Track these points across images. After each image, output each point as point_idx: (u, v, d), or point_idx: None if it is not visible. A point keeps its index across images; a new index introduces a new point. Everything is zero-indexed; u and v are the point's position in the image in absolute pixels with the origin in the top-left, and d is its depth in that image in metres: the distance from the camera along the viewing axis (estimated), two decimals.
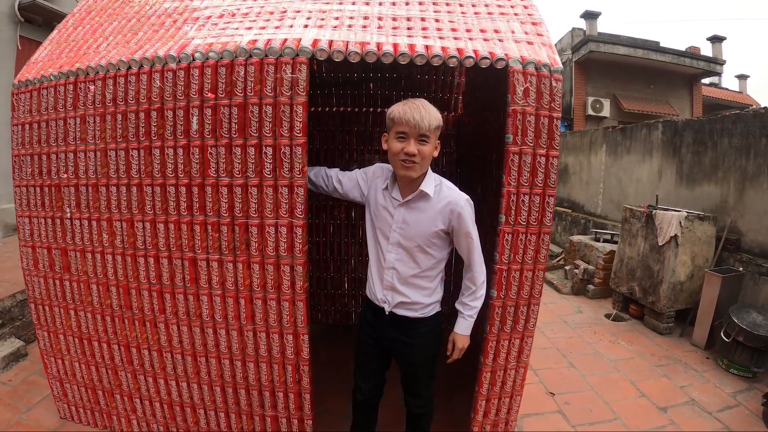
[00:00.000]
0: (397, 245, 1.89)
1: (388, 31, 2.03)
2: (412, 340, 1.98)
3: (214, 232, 2.07)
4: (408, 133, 1.72)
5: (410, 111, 1.71)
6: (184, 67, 1.94)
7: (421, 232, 1.86)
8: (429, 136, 1.74)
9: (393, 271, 1.92)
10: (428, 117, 1.71)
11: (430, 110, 1.74)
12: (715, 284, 4.20)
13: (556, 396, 3.28)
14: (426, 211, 1.85)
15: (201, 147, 2.00)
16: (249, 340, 2.17)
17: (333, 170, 2.16)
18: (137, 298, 2.26)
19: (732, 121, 4.90)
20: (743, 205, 4.68)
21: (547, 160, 2.02)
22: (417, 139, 1.73)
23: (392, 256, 1.91)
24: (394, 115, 1.75)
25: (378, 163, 2.05)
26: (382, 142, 1.87)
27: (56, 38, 2.50)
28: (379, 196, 1.96)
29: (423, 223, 1.85)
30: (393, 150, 1.77)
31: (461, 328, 1.99)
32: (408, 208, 1.87)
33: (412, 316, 1.96)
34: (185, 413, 2.42)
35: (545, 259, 2.16)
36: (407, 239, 1.87)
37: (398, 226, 1.88)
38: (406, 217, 1.87)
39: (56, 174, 2.30)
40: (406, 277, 1.91)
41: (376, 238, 1.97)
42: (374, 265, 2.01)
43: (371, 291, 2.04)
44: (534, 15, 2.27)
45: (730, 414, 3.17)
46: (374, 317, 2.04)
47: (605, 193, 7.38)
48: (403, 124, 1.72)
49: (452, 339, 2.01)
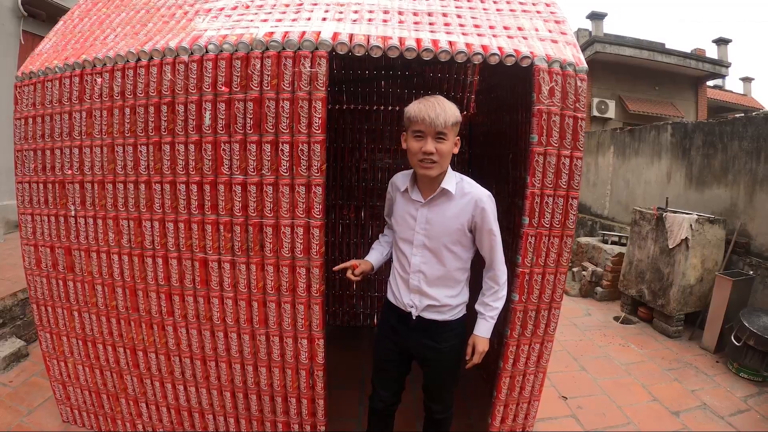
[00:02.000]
0: (422, 247, 1.84)
1: (410, 26, 1.96)
2: (440, 344, 1.92)
3: (226, 233, 2.00)
4: (425, 131, 1.68)
5: (426, 109, 1.66)
6: (196, 59, 1.87)
7: (445, 230, 1.81)
8: (446, 134, 1.69)
9: (419, 274, 1.86)
10: (444, 114, 1.66)
11: (447, 107, 1.69)
12: (726, 288, 4.16)
13: (569, 400, 3.23)
14: (449, 209, 1.81)
15: (214, 143, 1.93)
16: (261, 344, 2.10)
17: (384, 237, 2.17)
18: (144, 300, 2.19)
19: (743, 124, 4.86)
20: (753, 208, 4.63)
21: (572, 162, 1.97)
22: (434, 137, 1.68)
23: (418, 259, 1.85)
24: (410, 114, 1.71)
25: (396, 175, 2.00)
26: (402, 142, 1.82)
27: (62, 30, 2.42)
28: (399, 200, 1.92)
29: (447, 220, 1.81)
30: (411, 149, 1.73)
31: (482, 331, 1.91)
32: (430, 208, 1.82)
33: (440, 319, 1.90)
34: (193, 418, 2.34)
35: (567, 263, 2.10)
36: (432, 239, 1.82)
37: (422, 227, 1.83)
38: (429, 217, 1.82)
39: (60, 170, 2.22)
40: (433, 279, 1.86)
41: (398, 245, 1.92)
42: (398, 272, 1.95)
43: (396, 297, 1.96)
44: (557, 13, 2.21)
45: (742, 418, 3.14)
46: (399, 322, 1.96)
47: (612, 195, 7.33)
48: (419, 122, 1.67)
49: (472, 342, 1.92)
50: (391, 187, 2.00)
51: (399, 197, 1.92)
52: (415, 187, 1.85)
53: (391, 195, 1.99)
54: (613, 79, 13.70)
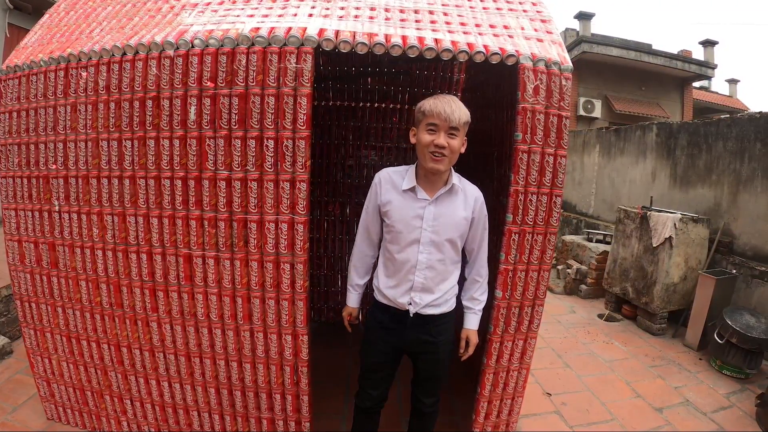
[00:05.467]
0: (429, 244, 1.85)
1: (396, 23, 1.97)
2: (436, 338, 1.95)
3: (210, 228, 1.99)
4: (439, 125, 1.73)
5: (441, 104, 1.72)
6: (182, 54, 1.86)
7: (453, 224, 1.85)
8: (458, 130, 1.74)
9: (426, 271, 1.86)
10: (459, 111, 1.73)
11: (461, 105, 1.76)
12: (709, 286, 4.22)
13: (553, 396, 3.26)
14: (454, 202, 1.87)
15: (198, 138, 1.92)
16: (246, 341, 2.10)
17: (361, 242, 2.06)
18: (128, 296, 2.17)
19: (727, 124, 4.93)
20: (737, 208, 4.70)
21: (555, 160, 1.99)
22: (447, 132, 1.73)
23: (425, 256, 1.85)
24: (425, 108, 1.75)
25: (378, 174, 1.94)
26: (410, 136, 1.85)
27: (47, 23, 2.40)
28: (398, 202, 1.86)
29: (454, 215, 1.86)
30: (423, 142, 1.76)
31: (472, 324, 2.00)
32: (438, 204, 1.85)
33: (437, 313, 1.93)
34: (178, 415, 2.34)
35: (551, 260, 2.12)
36: (439, 234, 1.84)
37: (429, 224, 1.83)
38: (437, 213, 1.84)
39: (44, 165, 2.20)
40: (438, 274, 1.89)
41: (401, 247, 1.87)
42: (394, 271, 1.90)
43: (390, 298, 1.92)
44: (543, 12, 2.23)
45: (725, 414, 3.20)
46: (393, 321, 1.94)
47: (598, 194, 7.40)
48: (434, 116, 1.72)
49: (465, 336, 2.00)
50: (382, 185, 1.90)
51: (397, 198, 1.86)
52: (418, 185, 1.85)
53: (383, 196, 1.89)
54: (600, 78, 13.78)
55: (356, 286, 2.10)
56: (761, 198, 4.43)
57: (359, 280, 2.10)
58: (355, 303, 2.11)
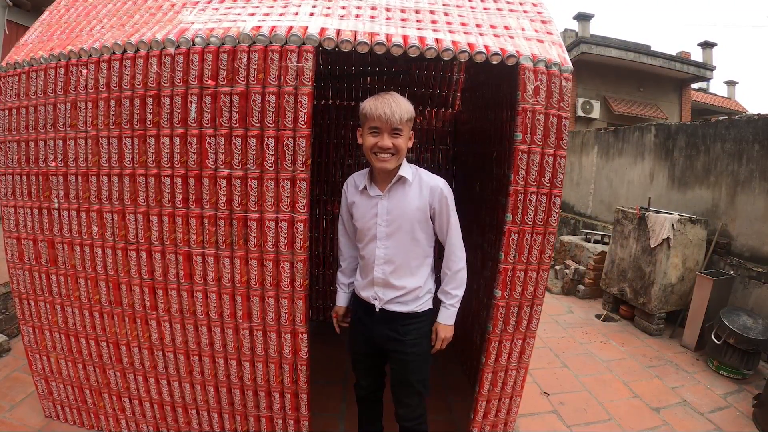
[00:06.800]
0: (385, 238, 1.87)
1: (397, 22, 1.97)
2: (403, 336, 1.94)
3: (210, 226, 1.99)
4: (380, 128, 1.74)
5: (381, 106, 1.72)
6: (183, 52, 1.86)
7: (405, 216, 1.85)
8: (401, 129, 1.75)
9: (384, 266, 1.89)
10: (399, 111, 1.72)
11: (401, 103, 1.75)
12: (707, 287, 4.23)
13: (551, 396, 3.27)
14: (407, 195, 1.86)
15: (199, 136, 1.92)
16: (245, 339, 2.10)
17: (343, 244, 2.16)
18: (128, 294, 2.17)
19: (725, 126, 4.94)
20: (734, 209, 4.72)
21: (555, 160, 1.99)
22: (390, 132, 1.74)
23: (382, 251, 1.88)
24: (366, 111, 1.76)
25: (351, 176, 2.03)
26: (358, 137, 1.86)
27: (47, 20, 2.39)
28: (359, 202, 1.94)
29: (406, 206, 1.85)
30: (367, 144, 1.79)
31: (443, 318, 1.98)
32: (390, 198, 1.86)
33: (404, 311, 1.93)
34: (176, 413, 2.34)
35: (550, 260, 2.13)
36: (393, 227, 1.86)
37: (383, 218, 1.86)
38: (390, 207, 1.86)
39: (44, 162, 2.20)
40: (397, 269, 1.89)
41: (364, 247, 1.95)
42: (363, 267, 1.99)
43: (358, 291, 2.03)
44: (543, 13, 2.23)
45: (722, 415, 3.20)
46: (365, 315, 2.01)
47: (596, 194, 7.42)
48: (375, 119, 1.73)
49: (435, 329, 1.99)
50: (347, 188, 2.00)
51: (359, 198, 1.93)
52: (372, 183, 1.90)
53: (349, 197, 1.99)
54: (599, 79, 13.83)
55: (342, 285, 2.16)
56: (759, 199, 4.44)
57: (345, 279, 2.15)
58: (342, 302, 2.15)
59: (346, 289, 2.15)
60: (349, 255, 2.13)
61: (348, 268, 2.15)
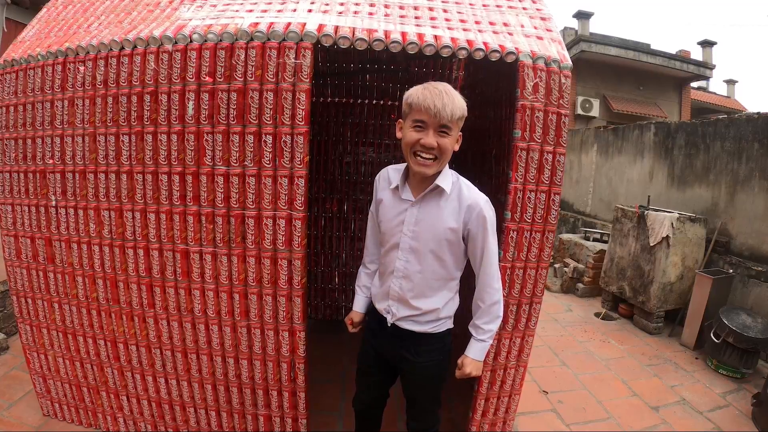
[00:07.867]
0: (408, 251, 1.67)
1: (396, 19, 1.97)
2: (415, 357, 1.77)
3: (208, 224, 1.99)
4: (427, 122, 1.50)
5: (431, 97, 1.48)
6: (180, 48, 1.85)
7: (433, 230, 1.63)
8: (450, 128, 1.51)
9: (402, 280, 1.70)
10: (452, 105, 1.49)
11: (455, 98, 1.52)
12: (706, 286, 4.23)
13: (550, 394, 3.27)
14: (441, 209, 1.62)
15: (196, 133, 1.91)
16: (243, 337, 2.10)
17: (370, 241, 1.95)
18: (125, 292, 2.17)
19: (725, 125, 4.94)
20: (734, 208, 4.72)
21: (554, 158, 1.99)
22: (437, 129, 1.50)
23: (402, 263, 1.68)
24: (411, 100, 1.52)
25: (385, 168, 1.81)
26: (397, 130, 1.63)
27: (45, 17, 2.38)
28: (387, 200, 1.73)
29: (436, 221, 1.62)
30: (408, 140, 1.55)
31: (473, 352, 1.76)
32: (420, 207, 1.64)
33: (418, 330, 1.74)
34: (174, 411, 2.33)
35: (549, 258, 2.12)
36: (418, 241, 1.65)
37: (409, 228, 1.65)
38: (419, 217, 1.64)
39: (41, 159, 2.19)
40: (416, 287, 1.70)
41: (386, 251, 1.76)
42: (381, 273, 1.82)
43: (376, 299, 1.86)
44: (543, 10, 2.22)
45: (721, 414, 3.21)
46: (378, 327, 1.83)
47: (595, 193, 7.42)
48: (421, 111, 1.49)
49: (461, 362, 1.77)
50: (378, 181, 1.79)
51: (388, 196, 1.73)
52: (406, 185, 1.68)
53: (378, 193, 1.79)
54: (598, 78, 13.81)
55: (363, 287, 1.97)
56: (758, 198, 4.44)
57: (368, 281, 1.96)
58: (360, 308, 1.97)
59: (366, 292, 1.95)
60: (375, 253, 1.93)
61: (373, 269, 1.95)
